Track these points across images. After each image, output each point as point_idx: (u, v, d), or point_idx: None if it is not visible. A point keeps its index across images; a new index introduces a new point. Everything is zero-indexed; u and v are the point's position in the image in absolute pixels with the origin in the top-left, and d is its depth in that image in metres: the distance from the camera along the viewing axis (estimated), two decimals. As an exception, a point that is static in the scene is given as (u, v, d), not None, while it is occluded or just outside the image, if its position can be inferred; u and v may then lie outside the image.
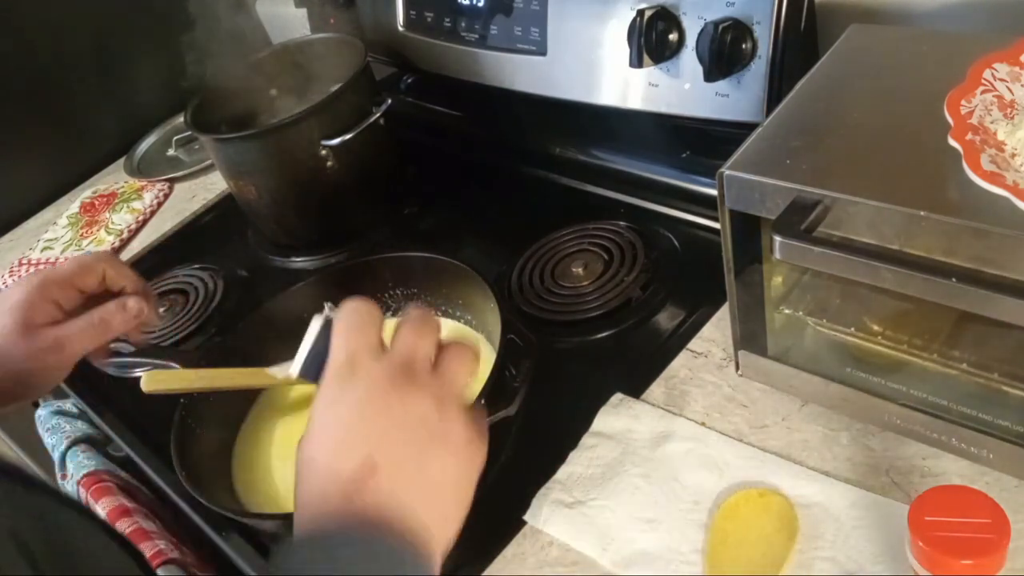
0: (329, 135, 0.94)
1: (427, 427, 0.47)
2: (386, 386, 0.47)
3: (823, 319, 0.63)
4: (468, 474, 0.49)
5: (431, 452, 0.47)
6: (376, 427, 0.46)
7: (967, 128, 0.49)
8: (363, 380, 0.47)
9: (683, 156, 0.92)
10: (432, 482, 0.46)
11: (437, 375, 0.49)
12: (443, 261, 0.80)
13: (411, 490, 0.45)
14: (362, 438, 0.46)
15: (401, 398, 0.47)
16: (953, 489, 0.46)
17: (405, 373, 0.48)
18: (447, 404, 0.48)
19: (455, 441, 0.48)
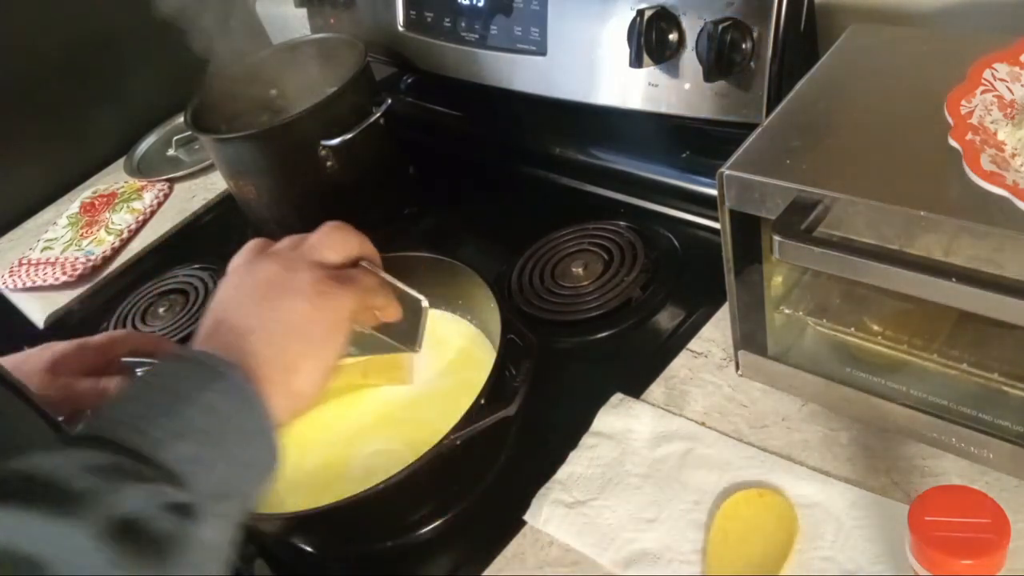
0: (329, 135, 0.94)
1: (272, 282, 0.51)
2: (253, 264, 0.53)
3: (823, 319, 0.63)
4: (318, 317, 0.50)
5: (274, 300, 0.50)
6: (227, 295, 0.52)
7: (967, 128, 0.49)
8: (241, 264, 0.54)
9: (683, 156, 0.92)
10: (273, 325, 0.49)
11: (297, 250, 0.54)
12: (443, 261, 0.80)
13: (248, 332, 0.48)
14: (219, 304, 0.51)
15: (251, 269, 0.52)
16: (953, 489, 0.46)
17: (277, 252, 0.54)
18: (295, 263, 0.52)
19: (301, 288, 0.51)
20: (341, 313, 0.52)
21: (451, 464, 0.64)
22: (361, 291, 0.54)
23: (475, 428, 0.63)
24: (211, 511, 0.42)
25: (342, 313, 0.52)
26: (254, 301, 0.50)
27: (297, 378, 0.49)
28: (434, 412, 0.73)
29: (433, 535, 0.69)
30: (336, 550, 0.72)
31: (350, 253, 0.56)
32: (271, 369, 0.48)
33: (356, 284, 0.53)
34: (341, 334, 0.51)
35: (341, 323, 0.51)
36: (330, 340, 0.51)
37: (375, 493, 0.60)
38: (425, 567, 0.68)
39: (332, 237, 0.56)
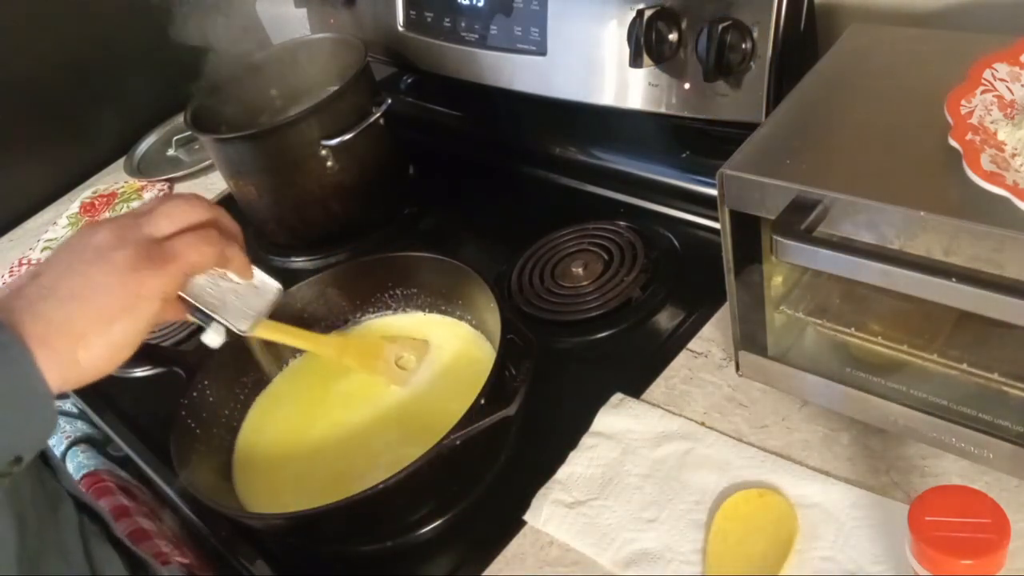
0: (329, 135, 0.94)
1: (96, 249, 0.50)
2: (88, 228, 0.52)
3: (823, 319, 0.63)
4: (120, 293, 0.49)
5: (85, 268, 0.49)
6: (56, 253, 0.51)
7: (967, 128, 0.49)
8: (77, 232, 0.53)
9: (683, 156, 0.92)
10: (76, 291, 0.48)
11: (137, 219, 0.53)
12: (443, 261, 0.80)
13: (49, 295, 0.48)
14: (44, 260, 0.51)
15: (89, 232, 0.51)
16: (953, 489, 0.46)
17: (114, 220, 0.52)
18: (126, 235, 0.51)
19: (115, 261, 0.49)
20: (146, 292, 0.50)
21: (451, 464, 0.64)
22: (178, 270, 0.52)
23: (475, 428, 0.63)
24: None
25: (148, 292, 0.50)
26: (68, 265, 0.50)
27: (82, 349, 0.48)
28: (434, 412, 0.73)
29: (433, 535, 0.69)
30: (336, 550, 0.72)
31: (189, 221, 0.54)
32: (54, 335, 0.47)
33: (175, 262, 0.52)
34: (143, 314, 0.50)
35: (144, 302, 0.50)
36: (127, 317, 0.49)
37: (375, 493, 0.60)
38: (425, 567, 0.68)
39: (170, 206, 0.54)
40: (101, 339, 0.48)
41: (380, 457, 0.71)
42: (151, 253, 0.50)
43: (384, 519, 0.69)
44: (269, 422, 0.78)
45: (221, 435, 0.76)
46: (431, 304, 0.83)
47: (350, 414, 0.76)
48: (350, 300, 0.85)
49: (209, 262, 0.55)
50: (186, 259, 0.52)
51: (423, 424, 0.72)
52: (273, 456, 0.75)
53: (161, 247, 0.51)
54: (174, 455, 0.69)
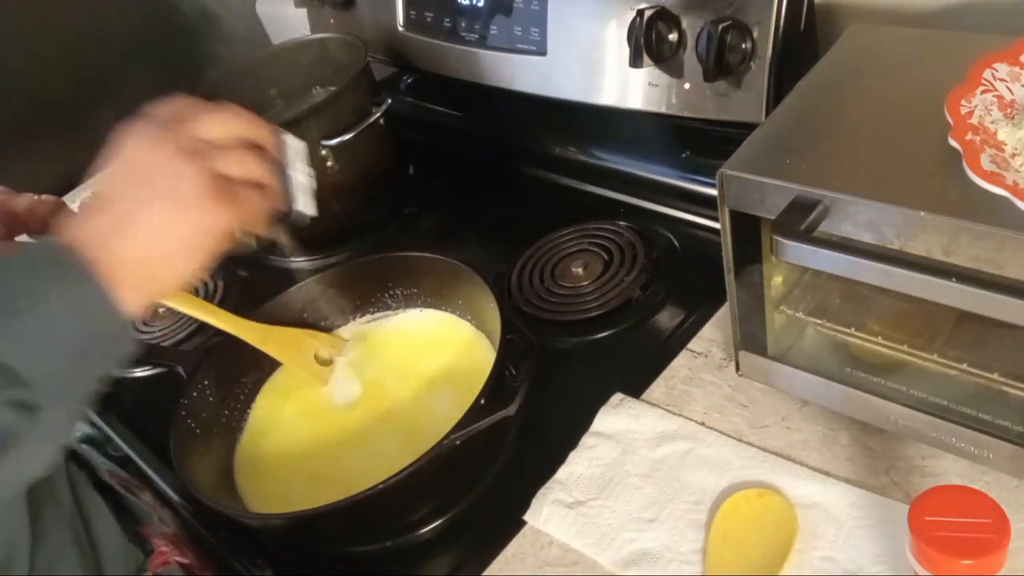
0: (329, 135, 0.94)
1: (161, 176, 0.50)
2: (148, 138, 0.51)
3: (823, 319, 0.63)
4: (189, 231, 0.50)
5: (152, 200, 0.49)
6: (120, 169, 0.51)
7: (967, 128, 0.49)
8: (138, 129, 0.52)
9: (683, 156, 0.92)
10: (146, 225, 0.49)
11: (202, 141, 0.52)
12: (443, 261, 0.80)
13: (120, 228, 0.49)
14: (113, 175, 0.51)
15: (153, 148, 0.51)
16: (953, 489, 0.46)
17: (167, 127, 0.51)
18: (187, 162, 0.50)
19: (181, 194, 0.50)
20: (215, 232, 0.51)
21: (451, 464, 0.64)
22: (241, 214, 0.53)
23: (475, 428, 0.63)
24: (50, 402, 0.45)
25: (216, 232, 0.51)
26: (137, 191, 0.50)
27: (151, 284, 0.50)
28: (434, 412, 0.73)
29: (433, 535, 0.69)
30: (336, 550, 0.72)
31: (240, 136, 0.55)
32: (128, 271, 0.48)
33: (238, 205, 0.52)
34: (209, 248, 0.51)
35: (209, 241, 0.51)
36: (195, 253, 0.51)
37: (375, 493, 0.60)
38: (425, 567, 0.68)
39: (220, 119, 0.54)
40: (170, 274, 0.51)
41: (380, 457, 0.71)
42: (216, 191, 0.51)
43: (384, 519, 0.69)
44: (270, 422, 0.78)
45: (221, 435, 0.76)
46: (431, 304, 0.83)
47: (350, 414, 0.76)
48: (350, 300, 0.85)
49: (265, 211, 0.56)
50: (248, 208, 0.53)
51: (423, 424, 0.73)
52: (274, 456, 0.75)
53: (228, 188, 0.51)
54: (174, 455, 0.69)
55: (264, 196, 0.55)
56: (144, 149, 0.51)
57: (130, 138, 0.52)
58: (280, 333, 0.80)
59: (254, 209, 0.54)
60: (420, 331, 0.83)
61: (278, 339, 0.79)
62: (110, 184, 0.51)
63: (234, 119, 0.54)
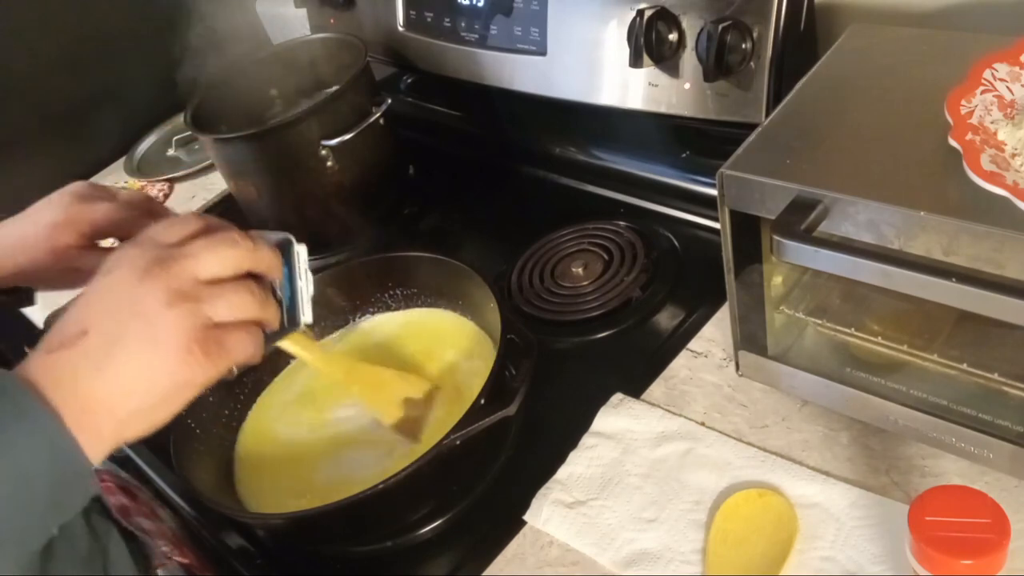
0: (329, 135, 0.94)
1: (147, 324, 0.47)
2: (137, 269, 0.48)
3: (823, 319, 0.63)
4: (173, 380, 0.47)
5: (137, 342, 0.46)
6: (105, 302, 0.48)
7: (967, 128, 0.49)
8: (128, 257, 0.49)
9: (683, 156, 0.92)
10: (125, 375, 0.46)
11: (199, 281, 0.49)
12: (443, 261, 0.80)
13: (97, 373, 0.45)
14: (92, 307, 0.48)
15: (141, 283, 0.47)
16: (953, 489, 0.46)
17: (163, 264, 0.48)
18: (179, 310, 0.47)
19: (170, 340, 0.47)
20: (195, 384, 0.48)
21: (451, 464, 0.64)
22: (227, 364, 0.49)
23: (475, 428, 0.63)
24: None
25: (196, 384, 0.48)
26: (120, 334, 0.46)
27: (127, 431, 0.47)
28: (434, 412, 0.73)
29: (433, 535, 0.69)
30: (336, 550, 0.72)
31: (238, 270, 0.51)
32: (104, 420, 0.46)
33: (226, 357, 0.49)
34: (185, 399, 0.49)
35: (190, 391, 0.48)
36: (171, 403, 0.48)
37: (375, 493, 0.60)
38: (425, 567, 0.68)
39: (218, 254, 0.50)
40: (145, 422, 0.48)
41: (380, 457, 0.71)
42: (206, 344, 0.48)
43: (384, 519, 0.69)
44: (271, 423, 0.78)
45: (221, 435, 0.76)
46: (431, 304, 0.83)
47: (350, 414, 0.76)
48: (350, 300, 0.85)
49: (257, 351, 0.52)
50: (235, 357, 0.50)
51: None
52: (274, 456, 0.75)
53: (216, 338, 0.48)
54: (174, 455, 0.69)
55: (256, 338, 0.51)
56: (133, 282, 0.47)
57: (122, 265, 0.49)
58: (369, 371, 0.74)
59: (244, 356, 0.50)
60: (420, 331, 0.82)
61: (366, 377, 0.73)
62: (88, 312, 0.47)
63: (233, 252, 0.51)
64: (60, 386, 0.45)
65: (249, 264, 0.52)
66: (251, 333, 0.51)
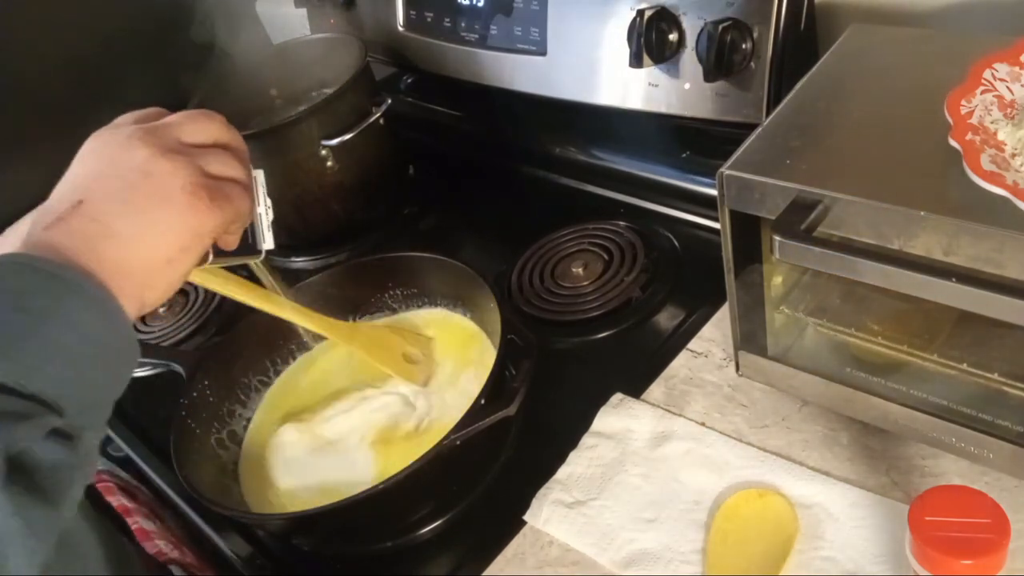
0: (329, 135, 0.94)
1: (144, 172, 0.47)
2: (121, 138, 0.48)
3: (823, 319, 0.63)
4: (183, 232, 0.48)
5: (142, 202, 0.46)
6: (94, 170, 0.47)
7: (967, 128, 0.48)
8: (105, 136, 0.49)
9: (683, 156, 0.92)
10: (135, 230, 0.46)
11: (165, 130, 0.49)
12: (443, 261, 0.80)
13: (109, 234, 0.45)
14: (80, 179, 0.48)
15: (128, 148, 0.47)
16: (953, 489, 0.46)
17: (145, 130, 0.49)
18: (171, 151, 0.48)
19: (172, 194, 0.47)
20: (205, 232, 0.49)
21: (451, 464, 0.64)
22: (231, 214, 0.50)
23: (475, 428, 0.63)
24: (86, 425, 0.42)
25: (206, 232, 0.49)
26: (121, 193, 0.46)
27: (149, 292, 0.47)
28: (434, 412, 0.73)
29: (433, 535, 0.69)
30: (336, 550, 0.72)
31: (217, 138, 0.53)
32: (127, 281, 0.45)
33: (229, 204, 0.50)
34: (200, 250, 0.49)
35: (202, 240, 0.49)
36: (186, 256, 0.48)
37: (375, 493, 0.60)
38: (425, 567, 0.68)
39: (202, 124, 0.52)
40: (164, 280, 0.48)
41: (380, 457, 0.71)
42: (208, 190, 0.48)
43: (384, 519, 0.69)
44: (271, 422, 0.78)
45: (221, 435, 0.76)
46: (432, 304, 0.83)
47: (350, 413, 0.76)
48: (350, 300, 0.85)
49: (248, 216, 0.54)
50: (236, 206, 0.51)
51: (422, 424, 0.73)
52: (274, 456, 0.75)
53: (217, 185, 0.49)
54: (174, 455, 0.69)
55: (247, 191, 0.53)
56: (120, 148, 0.48)
57: (105, 140, 0.49)
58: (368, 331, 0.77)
59: (244, 207, 0.52)
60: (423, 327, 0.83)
61: (366, 338, 0.77)
62: (76, 184, 0.47)
63: (211, 123, 0.52)
64: (75, 255, 0.44)
65: (226, 136, 0.53)
66: (244, 188, 0.52)
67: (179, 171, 0.48)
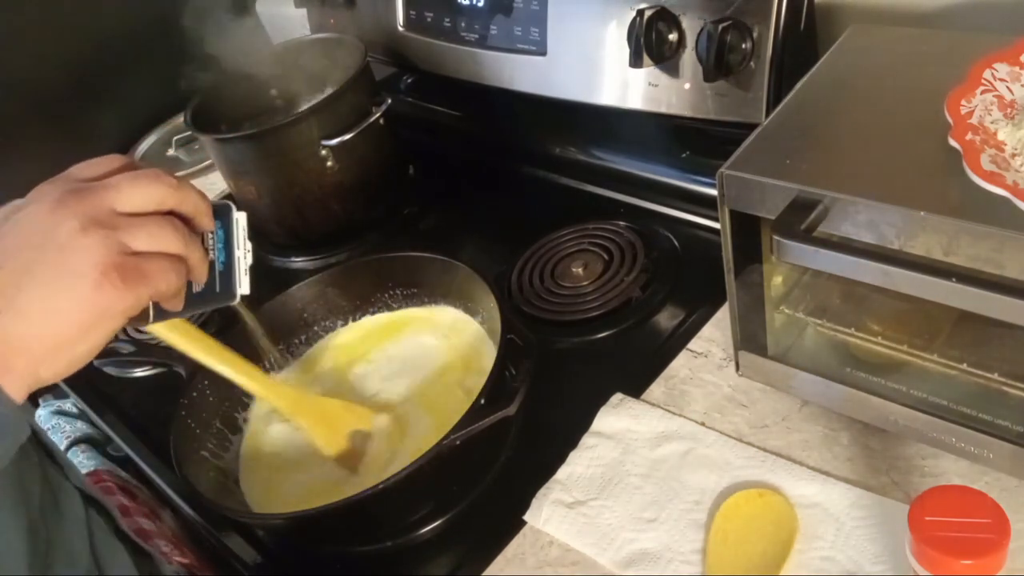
0: (329, 135, 0.94)
1: (59, 252, 0.45)
2: (52, 201, 0.46)
3: (823, 319, 0.63)
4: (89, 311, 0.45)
5: (49, 275, 0.44)
6: (17, 237, 0.46)
7: (967, 128, 0.49)
8: (40, 193, 0.47)
9: (683, 156, 0.92)
10: (39, 307, 0.44)
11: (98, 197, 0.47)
12: (443, 261, 0.80)
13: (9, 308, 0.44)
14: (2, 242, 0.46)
15: (52, 214, 0.45)
16: (953, 489, 0.46)
17: (77, 195, 0.46)
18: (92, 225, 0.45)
19: (83, 269, 0.45)
20: (114, 313, 0.46)
21: (451, 464, 0.64)
22: (146, 294, 0.47)
23: (475, 428, 0.63)
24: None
25: (115, 313, 0.46)
26: (31, 265, 0.44)
27: (46, 369, 0.45)
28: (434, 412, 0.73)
29: (433, 535, 0.69)
30: (336, 550, 0.72)
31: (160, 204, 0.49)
32: (20, 358, 0.44)
33: (145, 284, 0.47)
34: (107, 331, 0.47)
35: (110, 322, 0.46)
36: (91, 336, 0.46)
37: (375, 493, 0.60)
38: (425, 567, 0.68)
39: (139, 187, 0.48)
40: (63, 358, 0.46)
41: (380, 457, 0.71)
42: (123, 269, 0.46)
43: (384, 519, 0.69)
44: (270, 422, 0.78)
45: (221, 435, 0.76)
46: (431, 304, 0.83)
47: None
48: (350, 300, 0.85)
49: (178, 290, 0.50)
50: (156, 286, 0.48)
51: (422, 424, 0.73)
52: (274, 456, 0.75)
53: (135, 265, 0.46)
54: (174, 455, 0.69)
55: (178, 271, 0.49)
56: (45, 213, 0.45)
57: (35, 199, 0.47)
58: (314, 402, 0.73)
59: (166, 286, 0.48)
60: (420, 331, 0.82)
61: (311, 409, 0.72)
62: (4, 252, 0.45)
63: (156, 187, 0.49)
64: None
65: (173, 202, 0.49)
66: (173, 263, 0.49)
67: (93, 248, 0.45)
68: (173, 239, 0.49)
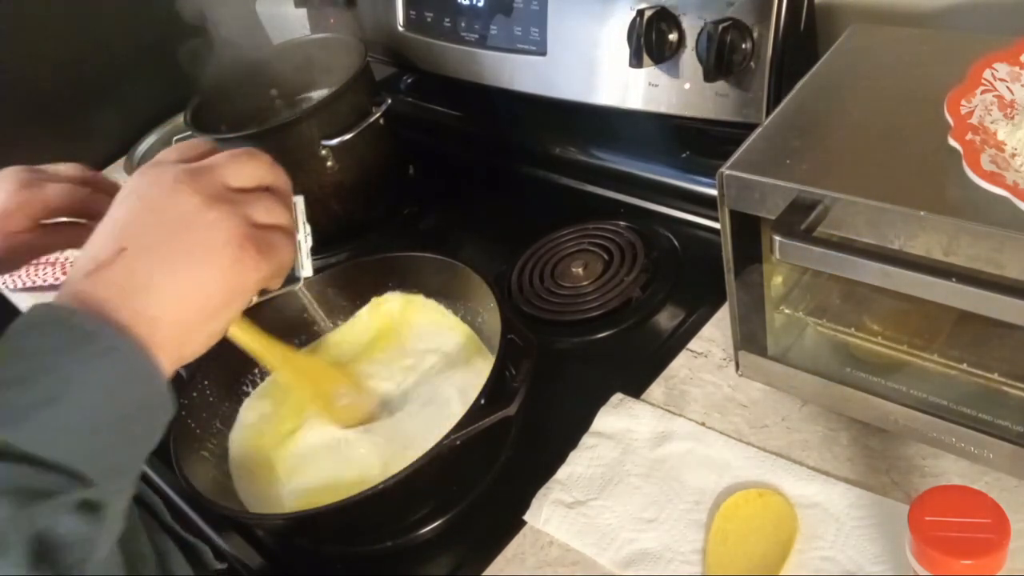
0: (329, 135, 0.94)
1: (188, 224, 0.45)
2: (167, 181, 0.46)
3: (823, 319, 0.63)
4: (226, 287, 0.46)
5: (187, 255, 0.45)
6: (137, 216, 0.46)
7: (967, 128, 0.49)
8: (149, 176, 0.47)
9: (683, 156, 0.92)
10: (177, 285, 0.44)
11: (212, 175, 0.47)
12: (443, 261, 0.80)
13: (148, 288, 0.44)
14: (121, 223, 0.46)
15: (173, 193, 0.46)
16: (953, 489, 0.46)
17: (191, 174, 0.47)
18: (220, 211, 0.46)
19: (218, 247, 0.45)
20: (249, 288, 0.47)
21: (451, 464, 0.64)
22: (276, 266, 0.49)
23: (475, 428, 0.63)
24: (113, 491, 0.41)
25: (250, 288, 0.47)
26: (163, 244, 0.45)
27: (187, 347, 0.46)
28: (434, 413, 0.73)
29: (433, 535, 0.69)
30: (336, 550, 0.72)
31: (261, 181, 0.50)
32: (164, 337, 0.44)
33: (275, 256, 0.48)
34: (241, 304, 0.47)
35: (244, 296, 0.47)
36: (227, 311, 0.47)
37: (375, 493, 0.60)
38: (425, 567, 0.68)
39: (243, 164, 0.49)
40: (203, 335, 0.46)
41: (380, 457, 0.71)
42: (255, 243, 0.46)
43: (384, 519, 0.69)
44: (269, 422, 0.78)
45: (222, 435, 0.76)
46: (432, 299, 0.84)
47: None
48: (350, 300, 0.85)
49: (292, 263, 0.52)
50: (281, 258, 0.49)
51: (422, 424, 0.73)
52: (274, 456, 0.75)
53: (264, 236, 0.47)
54: (174, 455, 0.69)
55: (293, 244, 0.51)
56: (163, 194, 0.46)
57: (150, 181, 0.47)
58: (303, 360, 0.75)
59: (284, 258, 0.49)
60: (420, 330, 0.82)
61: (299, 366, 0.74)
62: (118, 229, 0.45)
63: (257, 164, 0.50)
64: (114, 309, 0.42)
65: (271, 178, 0.51)
66: (287, 236, 0.50)
67: (225, 223, 0.46)
68: (284, 212, 0.50)
